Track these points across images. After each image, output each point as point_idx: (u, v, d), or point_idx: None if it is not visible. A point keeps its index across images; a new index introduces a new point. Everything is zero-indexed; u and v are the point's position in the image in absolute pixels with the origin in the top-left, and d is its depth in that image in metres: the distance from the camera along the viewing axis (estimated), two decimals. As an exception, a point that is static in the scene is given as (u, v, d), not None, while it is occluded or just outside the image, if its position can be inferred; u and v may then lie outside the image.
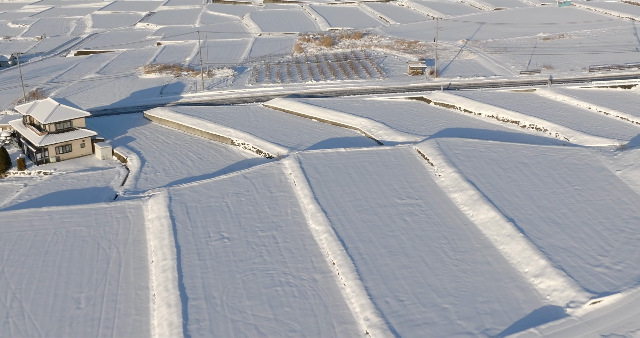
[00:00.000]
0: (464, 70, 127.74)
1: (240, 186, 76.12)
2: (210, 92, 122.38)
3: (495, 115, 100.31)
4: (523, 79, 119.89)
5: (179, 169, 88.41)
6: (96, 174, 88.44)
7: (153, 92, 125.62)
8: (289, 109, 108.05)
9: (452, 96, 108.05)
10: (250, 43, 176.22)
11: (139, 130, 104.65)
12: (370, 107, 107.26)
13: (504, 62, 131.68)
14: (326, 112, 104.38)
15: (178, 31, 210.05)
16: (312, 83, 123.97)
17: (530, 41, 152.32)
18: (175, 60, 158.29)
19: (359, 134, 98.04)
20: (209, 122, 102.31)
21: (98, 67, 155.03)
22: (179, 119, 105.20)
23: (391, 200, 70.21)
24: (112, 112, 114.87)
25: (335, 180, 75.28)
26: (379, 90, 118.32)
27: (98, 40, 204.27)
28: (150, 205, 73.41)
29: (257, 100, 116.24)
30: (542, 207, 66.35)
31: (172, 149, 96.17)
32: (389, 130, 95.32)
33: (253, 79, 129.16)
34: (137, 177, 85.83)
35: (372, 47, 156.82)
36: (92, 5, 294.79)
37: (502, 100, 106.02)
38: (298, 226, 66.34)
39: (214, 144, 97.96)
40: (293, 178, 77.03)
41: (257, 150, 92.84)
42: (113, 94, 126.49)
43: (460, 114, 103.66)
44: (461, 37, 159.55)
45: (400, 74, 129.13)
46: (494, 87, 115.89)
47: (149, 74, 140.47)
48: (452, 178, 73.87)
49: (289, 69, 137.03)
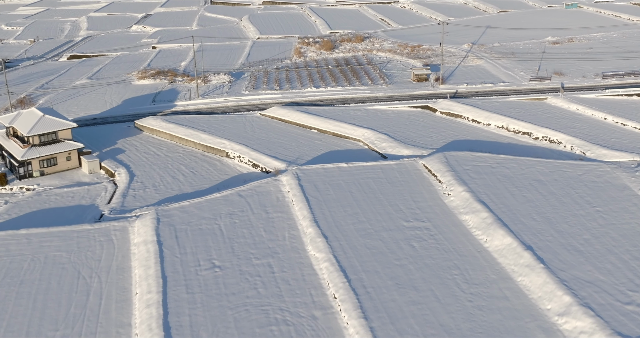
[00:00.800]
0: (470, 77, 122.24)
1: (235, 206, 70.72)
2: (205, 100, 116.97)
3: (505, 126, 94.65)
4: (533, 87, 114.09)
5: (170, 185, 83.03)
6: (82, 190, 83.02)
7: (146, 99, 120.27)
8: (287, 119, 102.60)
9: (460, 105, 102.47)
10: (248, 47, 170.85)
11: (129, 141, 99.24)
12: (373, 117, 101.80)
13: (512, 68, 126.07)
14: (327, 122, 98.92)
15: (174, 34, 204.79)
16: (311, 90, 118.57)
17: (538, 45, 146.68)
18: (170, 64, 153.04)
19: (362, 146, 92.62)
20: (202, 133, 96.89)
21: (90, 72, 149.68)
22: (171, 129, 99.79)
23: (397, 222, 64.78)
24: (101, 121, 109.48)
25: (336, 200, 69.86)
26: (381, 98, 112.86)
27: (92, 44, 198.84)
28: (136, 227, 68.03)
29: (254, 109, 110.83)
30: (562, 232, 60.86)
31: (163, 162, 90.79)
32: (393, 143, 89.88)
33: (250, 86, 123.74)
34: (125, 194, 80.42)
35: (374, 51, 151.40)
36: (88, 7, 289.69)
37: (512, 109, 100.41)
38: (296, 252, 60.92)
39: (208, 157, 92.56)
40: (291, 197, 71.63)
41: (253, 164, 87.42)
42: (104, 101, 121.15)
43: (468, 125, 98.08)
44: (466, 41, 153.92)
45: (403, 80, 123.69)
46: (503, 95, 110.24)
47: (142, 79, 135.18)
48: (463, 198, 68.44)
49: (287, 74, 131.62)
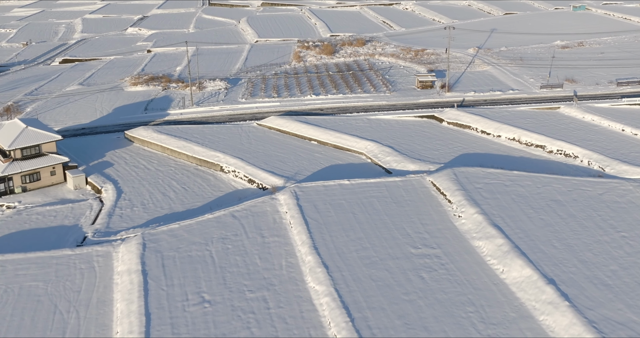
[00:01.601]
0: (477, 84, 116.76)
1: (228, 228, 65.31)
2: (199, 108, 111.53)
3: (517, 138, 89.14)
4: (544, 95, 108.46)
5: (160, 203, 77.63)
6: (65, 209, 77.58)
7: (138, 107, 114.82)
8: (285, 129, 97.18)
9: (467, 115, 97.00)
10: (245, 51, 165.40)
11: (119, 153, 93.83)
12: (376, 127, 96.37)
13: (521, 74, 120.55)
14: (327, 133, 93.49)
15: (171, 36, 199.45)
16: (311, 98, 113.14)
17: (547, 50, 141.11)
18: (165, 69, 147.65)
19: (364, 160, 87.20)
20: (196, 145, 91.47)
21: (82, 78, 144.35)
22: (163, 140, 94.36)
23: (404, 249, 59.37)
24: (90, 131, 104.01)
25: (337, 222, 64.44)
26: (385, 106, 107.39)
27: (86, 47, 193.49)
28: (121, 253, 62.63)
29: (251, 118, 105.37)
30: (587, 262, 55.43)
31: (153, 176, 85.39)
32: (398, 156, 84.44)
33: (247, 93, 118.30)
34: (111, 213, 75.01)
35: (376, 55, 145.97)
36: (84, 8, 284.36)
37: (523, 120, 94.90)
38: (294, 284, 55.52)
39: (201, 171, 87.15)
40: (289, 219, 66.23)
41: (249, 180, 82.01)
42: (94, 109, 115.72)
43: (477, 136, 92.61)
44: (472, 45, 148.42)
45: (407, 87, 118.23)
46: (513, 103, 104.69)
47: (135, 86, 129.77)
48: (475, 221, 63.01)
49: (286, 81, 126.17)
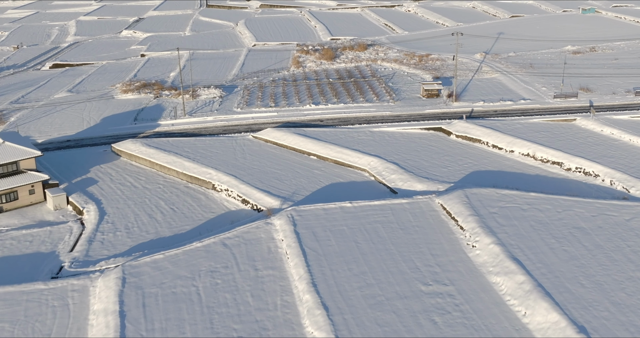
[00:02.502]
0: (486, 92, 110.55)
1: (217, 259, 59.14)
2: (192, 119, 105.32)
3: (532, 154, 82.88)
4: (558, 105, 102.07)
5: (145, 226, 71.41)
6: (43, 233, 71.32)
7: (127, 117, 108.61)
8: (283, 143, 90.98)
9: (477, 128, 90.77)
10: (243, 55, 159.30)
11: (104, 168, 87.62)
12: (379, 141, 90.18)
13: (532, 82, 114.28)
14: (327, 148, 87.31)
15: (166, 39, 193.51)
16: (310, 108, 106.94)
17: (558, 55, 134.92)
18: (158, 75, 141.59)
19: (367, 177, 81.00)
20: (186, 161, 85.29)
21: (72, 84, 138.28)
22: (152, 155, 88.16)
23: (413, 286, 53.20)
24: (75, 143, 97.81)
25: (338, 253, 58.27)
26: (388, 117, 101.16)
27: (78, 51, 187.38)
28: (98, 288, 56.47)
29: (246, 130, 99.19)
30: (620, 305, 49.24)
31: (140, 195, 79.16)
32: (403, 174, 78.25)
33: (243, 102, 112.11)
34: (92, 239, 68.79)
35: (378, 61, 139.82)
36: (79, 10, 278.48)
37: (537, 133, 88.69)
38: (290, 328, 49.36)
39: (192, 189, 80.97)
40: (285, 248, 60.07)
41: (242, 200, 75.82)
42: (81, 119, 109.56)
43: (488, 151, 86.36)
44: (478, 50, 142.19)
45: (412, 95, 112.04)
46: (525, 115, 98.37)
47: (126, 93, 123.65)
48: (492, 253, 56.83)
49: (284, 89, 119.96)
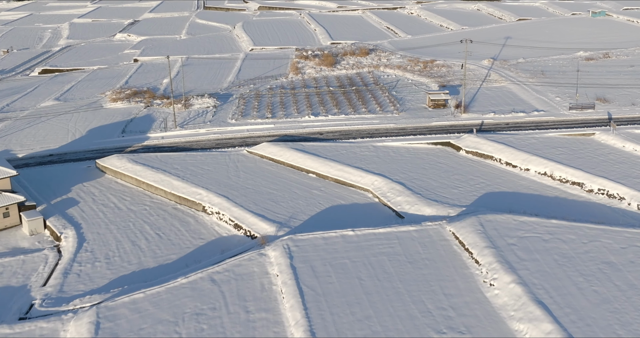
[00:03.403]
0: (496, 102, 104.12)
1: (204, 299, 52.80)
2: (183, 131, 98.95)
3: (549, 173, 76.41)
4: (575, 117, 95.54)
5: (127, 255, 65.03)
6: (15, 262, 64.90)
7: (115, 129, 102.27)
8: (279, 159, 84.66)
9: (489, 143, 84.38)
10: (239, 60, 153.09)
11: (87, 187, 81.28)
12: (383, 157, 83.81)
13: (544, 92, 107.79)
14: (327, 165, 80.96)
15: (161, 43, 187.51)
16: (309, 119, 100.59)
17: (570, 62, 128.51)
18: (150, 82, 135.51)
19: (371, 199, 74.62)
20: (175, 179, 78.96)
21: (60, 91, 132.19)
22: (138, 172, 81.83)
23: (425, 333, 46.83)
24: (58, 158, 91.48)
25: (340, 293, 51.92)
26: (393, 130, 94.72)
27: (70, 55, 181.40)
28: (69, 333, 50.13)
29: (241, 144, 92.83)
30: (665, 362, 42.98)
31: (123, 219, 72.77)
32: (410, 196, 71.86)
33: (238, 112, 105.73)
34: (68, 271, 62.41)
35: (381, 67, 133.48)
36: (74, 12, 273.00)
37: (554, 149, 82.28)
38: (284, 387, 43.06)
39: (181, 211, 74.61)
40: (280, 286, 53.76)
41: (235, 225, 69.47)
42: (67, 130, 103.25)
43: (501, 169, 79.93)
44: (485, 56, 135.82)
45: (417, 105, 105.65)
46: (540, 128, 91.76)
47: (116, 102, 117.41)
48: (513, 294, 50.46)
49: (282, 98, 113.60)
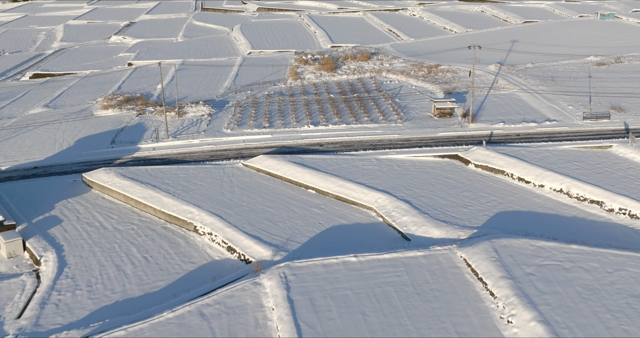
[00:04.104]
0: (505, 111, 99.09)
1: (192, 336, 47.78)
2: (176, 142, 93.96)
3: (565, 190, 71.28)
4: (589, 128, 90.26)
5: (111, 282, 59.98)
6: (-11, 290, 60.08)
7: (104, 139, 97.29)
8: (277, 173, 79.66)
9: (500, 156, 79.31)
10: (237, 65, 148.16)
11: (72, 204, 76.29)
12: (387, 172, 78.79)
13: (556, 100, 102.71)
14: (328, 180, 75.95)
15: (156, 46, 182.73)
16: (309, 128, 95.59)
17: (581, 67, 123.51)
18: (144, 87, 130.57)
19: (374, 218, 69.58)
20: (165, 196, 73.96)
21: (50, 97, 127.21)
22: (126, 188, 76.84)
23: (437, 382, 41.90)
24: (43, 171, 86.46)
25: (342, 331, 46.89)
26: (397, 141, 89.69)
27: (63, 58, 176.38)
28: (41, 378, 45.24)
29: (236, 156, 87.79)
30: None
31: (109, 240, 67.74)
32: (417, 216, 66.80)
33: (234, 121, 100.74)
34: (46, 300, 57.34)
35: (383, 72, 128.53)
36: (69, 13, 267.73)
37: (570, 163, 77.22)
38: None
39: (171, 231, 69.60)
40: (276, 321, 48.74)
41: (228, 247, 64.48)
42: (53, 140, 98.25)
43: (514, 185, 74.84)
44: (492, 60, 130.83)
45: (422, 114, 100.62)
46: (553, 140, 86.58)
47: (107, 109, 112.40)
48: (534, 334, 45.42)
49: (280, 105, 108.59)
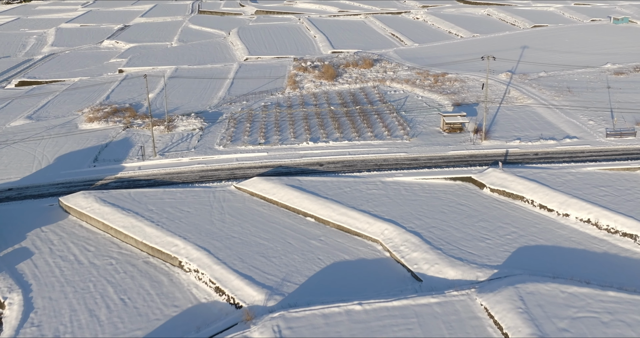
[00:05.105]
0: (521, 126, 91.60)
1: None
2: (164, 160, 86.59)
3: (593, 221, 63.76)
4: (614, 146, 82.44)
5: (82, 331, 52.57)
6: (-57, 340, 52.81)
7: (87, 156, 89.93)
8: (272, 198, 72.32)
9: (518, 180, 71.81)
10: (232, 72, 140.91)
11: (46, 232, 68.99)
12: (394, 197, 71.38)
13: (575, 114, 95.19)
14: (328, 207, 68.57)
15: (150, 51, 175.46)
16: (307, 145, 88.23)
17: (598, 76, 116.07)
18: (134, 96, 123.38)
19: (381, 253, 62.13)
20: (148, 225, 66.65)
21: (33, 108, 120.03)
22: (106, 215, 69.51)
23: None
24: (18, 194, 79.11)
25: None
26: (404, 161, 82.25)
27: (52, 64, 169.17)
28: None
29: (228, 177, 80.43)
30: None
31: (83, 278, 60.38)
32: (429, 252, 59.41)
33: (227, 137, 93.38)
34: (5, 355, 50.25)
35: (386, 81, 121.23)
36: (63, 16, 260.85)
37: (596, 189, 69.76)
38: None
39: (153, 267, 62.27)
40: (268, 390, 41.49)
41: (216, 288, 57.15)
42: (32, 158, 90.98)
43: (534, 214, 67.23)
44: (503, 69, 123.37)
45: (430, 129, 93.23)
46: (575, 161, 78.78)
47: (92, 122, 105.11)
48: None
49: (277, 118, 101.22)
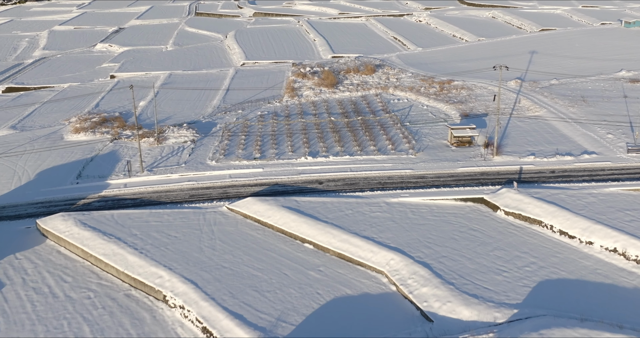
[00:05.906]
0: (534, 140, 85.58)
1: None
2: (152, 177, 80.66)
3: (621, 251, 57.77)
4: (636, 163, 76.58)
5: (52, 381, 47.02)
6: None
7: (70, 171, 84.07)
8: (267, 221, 66.42)
9: (535, 202, 65.83)
10: (228, 78, 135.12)
11: (20, 260, 63.14)
12: (400, 221, 65.46)
13: (592, 127, 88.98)
14: (328, 233, 62.69)
15: (144, 55, 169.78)
16: (306, 161, 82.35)
17: (612, 84, 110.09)
18: (125, 104, 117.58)
19: (386, 286, 56.21)
20: (131, 253, 60.78)
21: (19, 117, 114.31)
22: (86, 241, 63.67)
23: None
24: (-7, 214, 73.51)
25: None
26: (409, 179, 76.30)
27: (42, 69, 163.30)
28: None
29: (220, 196, 74.53)
30: None
31: (57, 314, 54.49)
32: (440, 287, 53.47)
33: (220, 150, 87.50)
34: None
35: (389, 89, 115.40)
36: (57, 18, 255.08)
37: (621, 213, 63.69)
38: None
39: (135, 301, 56.39)
40: None
41: (203, 328, 51.29)
42: (12, 173, 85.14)
43: (554, 241, 61.28)
44: (512, 76, 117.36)
45: (437, 142, 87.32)
46: (596, 179, 72.33)
47: (79, 132, 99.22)
48: None
49: (274, 129, 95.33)
